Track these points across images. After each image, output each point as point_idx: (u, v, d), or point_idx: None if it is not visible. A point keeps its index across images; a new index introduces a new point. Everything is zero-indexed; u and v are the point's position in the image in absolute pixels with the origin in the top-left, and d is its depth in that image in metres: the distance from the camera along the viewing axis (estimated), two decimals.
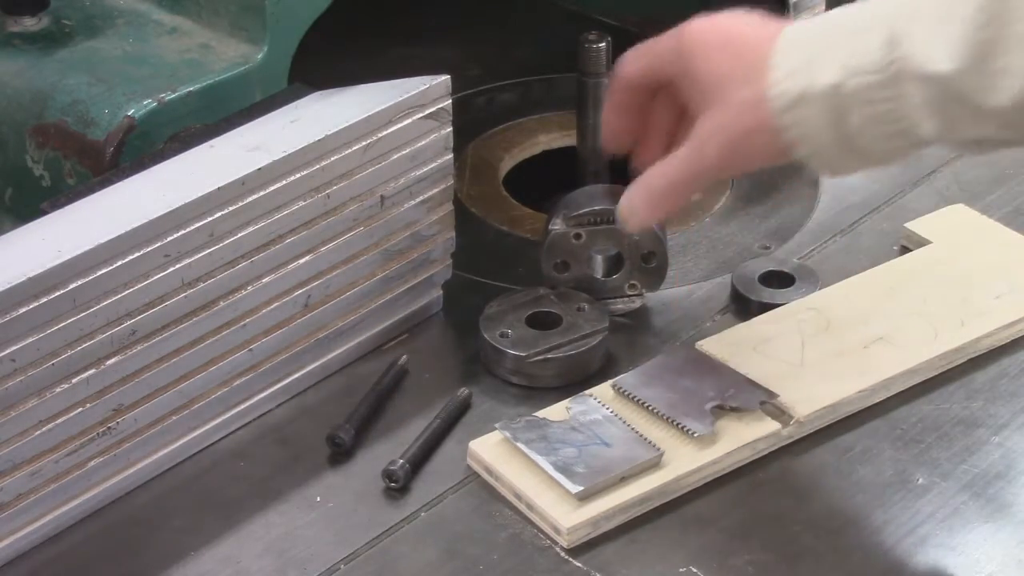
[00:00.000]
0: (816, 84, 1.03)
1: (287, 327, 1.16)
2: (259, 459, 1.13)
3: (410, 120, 1.17)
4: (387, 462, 1.11)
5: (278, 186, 1.11)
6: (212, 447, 1.14)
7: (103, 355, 1.05)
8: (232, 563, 1.05)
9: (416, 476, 1.11)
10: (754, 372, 1.16)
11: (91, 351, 1.04)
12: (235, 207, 1.09)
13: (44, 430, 1.03)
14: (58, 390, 1.03)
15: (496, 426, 1.12)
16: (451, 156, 1.22)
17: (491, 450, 1.11)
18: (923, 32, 1.00)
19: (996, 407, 1.17)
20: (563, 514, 1.06)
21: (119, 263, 1.03)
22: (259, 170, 1.09)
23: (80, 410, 1.05)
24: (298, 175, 1.12)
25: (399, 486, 1.10)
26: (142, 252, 1.04)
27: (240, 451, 1.14)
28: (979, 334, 1.21)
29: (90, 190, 1.10)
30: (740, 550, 1.06)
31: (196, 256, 1.07)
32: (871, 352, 1.19)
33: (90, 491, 1.08)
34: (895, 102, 1.01)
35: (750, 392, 1.14)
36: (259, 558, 1.06)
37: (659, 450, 1.10)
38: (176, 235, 1.06)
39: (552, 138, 1.51)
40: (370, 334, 1.22)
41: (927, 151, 1.40)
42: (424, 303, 1.25)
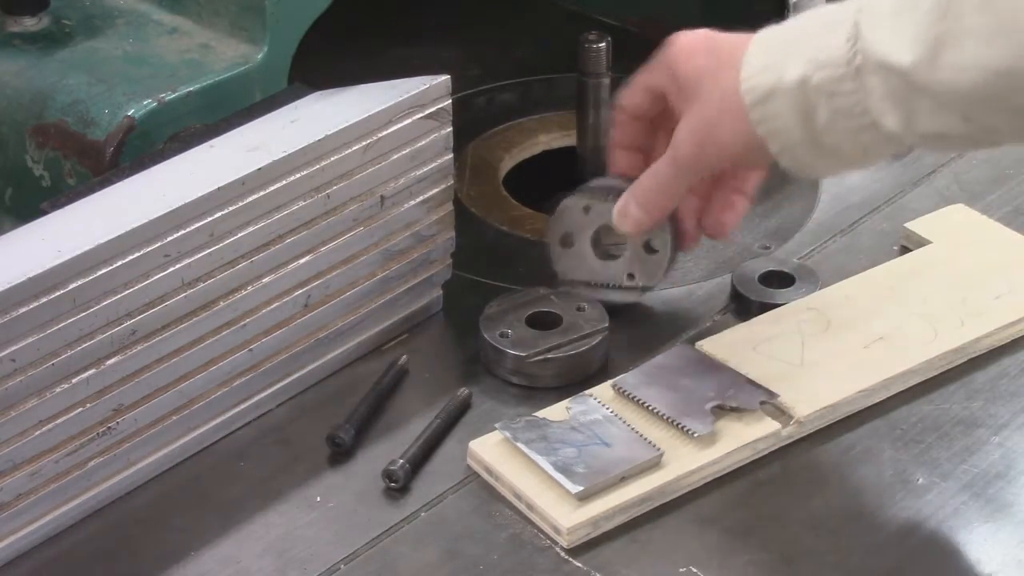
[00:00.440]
0: (785, 79, 1.06)
1: (287, 327, 1.16)
2: (259, 459, 1.13)
3: (410, 120, 1.17)
4: (387, 462, 1.11)
5: (278, 186, 1.11)
6: (212, 447, 1.14)
7: (103, 355, 1.05)
8: (232, 563, 1.05)
9: (416, 476, 1.11)
10: (754, 372, 1.16)
11: (91, 351, 1.04)
12: (235, 207, 1.09)
13: (44, 430, 1.03)
14: (58, 390, 1.03)
15: (496, 426, 1.12)
16: (451, 156, 1.22)
17: (491, 450, 1.11)
18: (883, 25, 1.02)
19: (996, 407, 1.17)
20: (563, 514, 1.06)
21: (119, 263, 1.03)
22: (259, 170, 1.09)
23: (80, 410, 1.05)
24: (298, 175, 1.12)
25: (399, 486, 1.10)
26: (142, 252, 1.04)
27: (240, 451, 1.14)
28: (979, 334, 1.21)
29: (90, 190, 1.10)
30: (740, 550, 1.06)
31: (196, 256, 1.07)
32: (871, 352, 1.19)
33: (90, 491, 1.08)
34: (858, 95, 1.04)
35: (750, 392, 1.14)
36: (259, 558, 1.06)
37: (659, 450, 1.10)
38: (176, 235, 1.06)
39: (552, 138, 1.51)
40: (370, 334, 1.22)
41: (927, 152, 1.42)
42: (424, 303, 1.25)
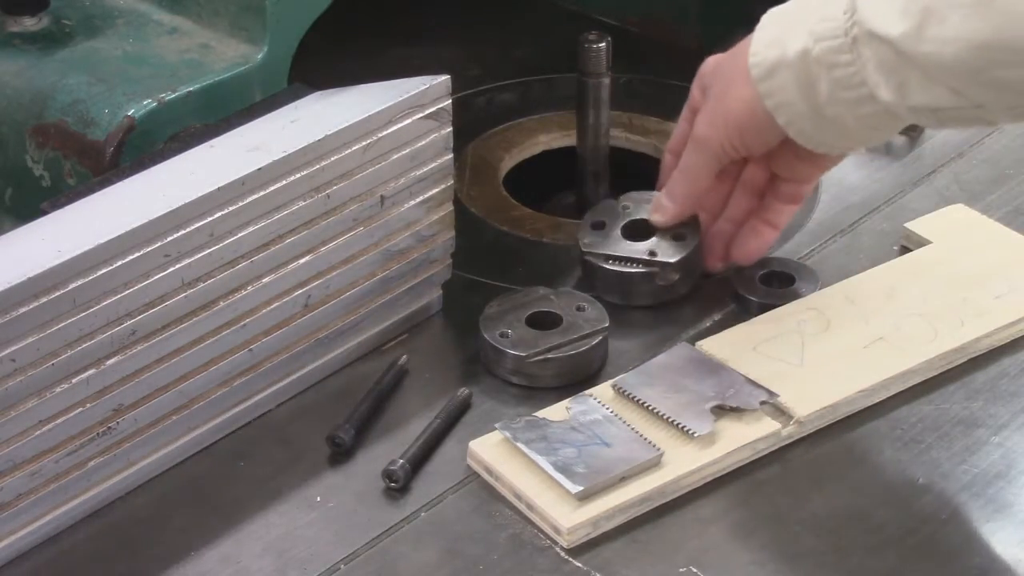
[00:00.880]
0: (788, 52, 1.10)
1: (287, 327, 1.16)
2: (259, 459, 1.13)
3: (410, 120, 1.17)
4: (387, 462, 1.11)
5: (278, 186, 1.11)
6: (212, 447, 1.14)
7: (103, 355, 1.05)
8: (232, 563, 1.05)
9: (416, 476, 1.11)
10: (754, 372, 1.16)
11: (91, 351, 1.04)
12: (235, 207, 1.09)
13: (44, 430, 1.03)
14: (58, 390, 1.03)
15: (496, 426, 1.12)
16: (451, 156, 1.22)
17: (491, 450, 1.11)
18: None
19: (996, 407, 1.17)
20: (563, 514, 1.06)
21: (119, 263, 1.03)
22: (259, 170, 1.09)
23: (80, 410, 1.05)
24: (298, 175, 1.12)
25: (399, 486, 1.10)
26: (142, 252, 1.04)
27: (240, 451, 1.14)
28: (979, 334, 1.21)
29: (90, 190, 1.10)
30: (740, 550, 1.06)
31: (196, 256, 1.07)
32: (871, 352, 1.19)
33: (90, 491, 1.08)
34: (855, 65, 1.07)
35: (750, 392, 1.14)
36: (259, 558, 1.06)
37: (659, 450, 1.10)
38: (176, 235, 1.06)
39: (552, 138, 1.51)
40: (370, 334, 1.22)
41: (927, 151, 1.42)
42: (424, 303, 1.25)
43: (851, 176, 1.40)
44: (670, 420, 1.12)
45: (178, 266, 1.07)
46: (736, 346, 1.19)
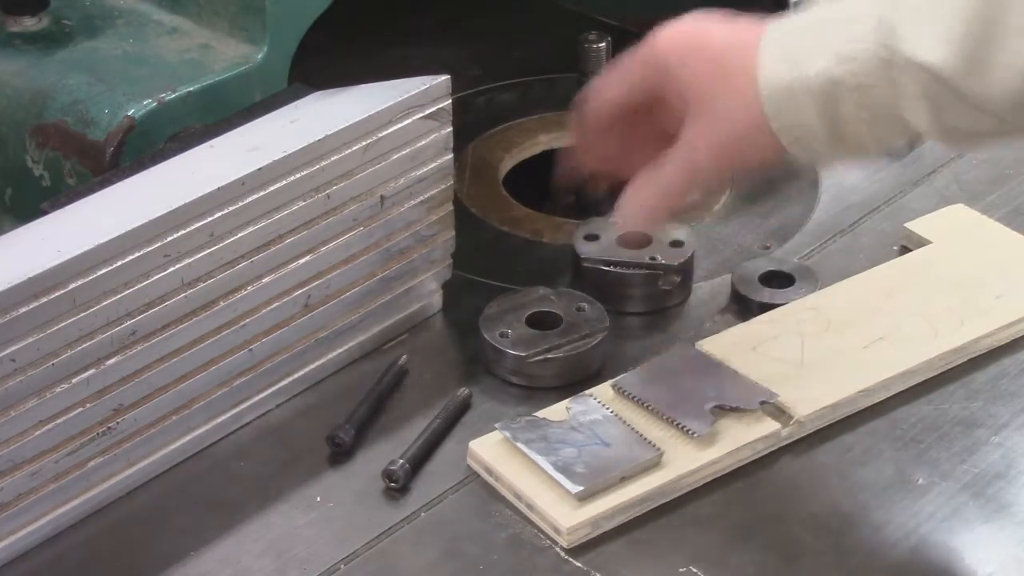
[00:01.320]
0: (806, 73, 1.03)
1: (287, 327, 1.16)
2: (259, 459, 1.13)
3: (410, 120, 1.17)
4: (387, 462, 1.11)
5: (278, 186, 1.11)
6: (212, 447, 1.14)
7: (103, 355, 1.05)
8: (232, 563, 1.05)
9: (416, 476, 1.11)
10: (754, 372, 1.16)
11: (91, 351, 1.04)
12: (235, 207, 1.09)
13: (44, 430, 1.03)
14: (58, 390, 1.03)
15: (496, 426, 1.12)
16: (451, 156, 1.22)
17: (491, 450, 1.11)
18: (914, 21, 0.99)
19: (996, 407, 1.17)
20: (563, 514, 1.06)
21: (119, 263, 1.03)
22: (259, 170, 1.09)
23: (80, 410, 1.05)
24: (298, 175, 1.12)
25: (399, 486, 1.10)
26: (142, 252, 1.04)
27: (240, 451, 1.14)
28: (979, 334, 1.21)
29: (90, 190, 1.10)
30: (740, 550, 1.06)
31: (196, 256, 1.07)
32: (871, 352, 1.19)
33: (90, 491, 1.08)
34: (887, 90, 1.01)
35: (750, 392, 1.14)
36: (259, 558, 1.06)
37: (659, 450, 1.10)
38: (176, 235, 1.06)
39: (552, 138, 1.50)
40: (370, 334, 1.22)
41: (927, 151, 1.42)
42: (424, 303, 1.25)
43: (851, 176, 1.40)
44: (670, 420, 1.12)
45: (178, 266, 1.07)
46: (736, 346, 1.19)
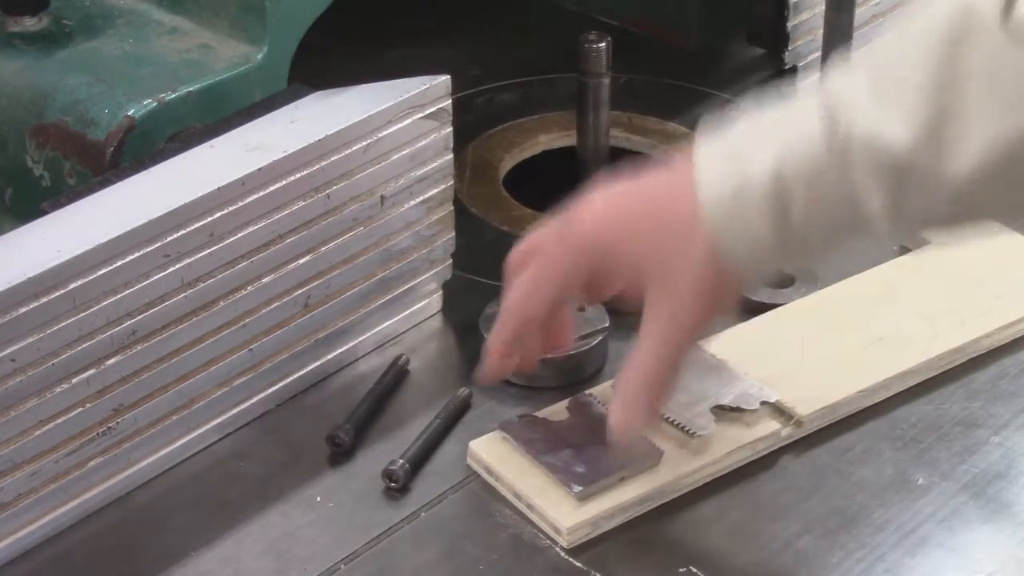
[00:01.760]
0: (752, 177, 0.96)
1: (287, 327, 1.16)
2: (259, 459, 1.13)
3: (410, 120, 1.17)
4: (387, 462, 1.11)
5: (278, 186, 1.11)
6: (212, 447, 1.14)
7: (103, 355, 1.05)
8: (232, 563, 1.05)
9: (416, 476, 1.11)
10: (754, 372, 1.16)
11: (91, 351, 1.04)
12: (235, 207, 1.09)
13: (44, 430, 1.03)
14: (58, 390, 1.03)
15: (496, 426, 1.12)
16: (451, 156, 1.22)
17: (491, 450, 1.11)
18: (867, 106, 0.94)
19: (996, 407, 1.17)
20: (563, 514, 1.06)
21: (119, 263, 1.03)
22: (259, 170, 1.09)
23: (80, 410, 1.05)
24: (298, 175, 1.12)
25: (399, 486, 1.10)
26: (142, 252, 1.04)
27: (240, 451, 1.14)
28: (979, 334, 1.21)
29: (90, 190, 1.10)
30: (740, 550, 1.06)
31: (196, 256, 1.07)
32: (871, 352, 1.19)
33: (90, 491, 1.08)
34: (842, 180, 0.95)
35: (750, 392, 1.14)
36: (259, 558, 1.06)
37: (659, 450, 1.10)
38: (176, 235, 1.06)
39: (552, 138, 1.51)
40: (370, 334, 1.22)
41: None
42: (424, 303, 1.25)
43: None
44: (670, 420, 1.12)
45: (178, 266, 1.07)
46: (736, 346, 1.19)
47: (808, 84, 0.97)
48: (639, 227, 1.01)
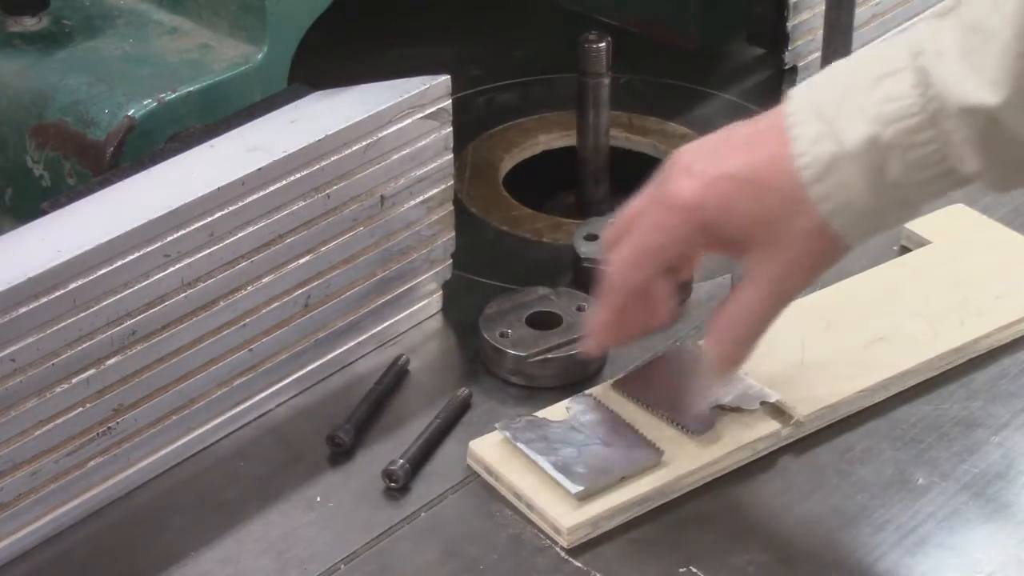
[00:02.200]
0: (847, 144, 0.97)
1: (287, 327, 1.16)
2: (259, 459, 1.13)
3: (410, 120, 1.17)
4: (387, 462, 1.11)
5: (278, 186, 1.11)
6: (212, 447, 1.14)
7: (103, 355, 1.05)
8: (232, 563, 1.05)
9: (416, 476, 1.11)
10: (754, 372, 1.16)
11: (91, 351, 1.04)
12: (235, 207, 1.09)
13: (44, 430, 1.03)
14: (58, 390, 1.03)
15: (496, 426, 1.12)
16: (451, 156, 1.22)
17: (491, 450, 1.11)
18: (956, 66, 0.95)
19: (996, 407, 1.17)
20: (563, 514, 1.06)
21: (119, 263, 1.03)
22: (259, 170, 1.09)
23: (80, 410, 1.05)
24: (298, 175, 1.12)
25: (399, 486, 1.10)
26: (142, 252, 1.04)
27: (240, 451, 1.14)
28: (979, 334, 1.21)
29: (90, 190, 1.10)
30: (740, 550, 1.06)
31: (196, 256, 1.07)
32: (871, 352, 1.19)
33: (90, 491, 1.08)
34: (936, 142, 0.96)
35: (750, 392, 1.14)
36: (259, 558, 1.06)
37: (659, 450, 1.10)
38: (176, 235, 1.06)
39: (552, 138, 1.51)
40: (370, 334, 1.22)
41: None
42: (424, 303, 1.25)
43: None
44: (670, 420, 1.12)
45: (178, 266, 1.07)
46: None
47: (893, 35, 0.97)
48: (740, 189, 1.01)
